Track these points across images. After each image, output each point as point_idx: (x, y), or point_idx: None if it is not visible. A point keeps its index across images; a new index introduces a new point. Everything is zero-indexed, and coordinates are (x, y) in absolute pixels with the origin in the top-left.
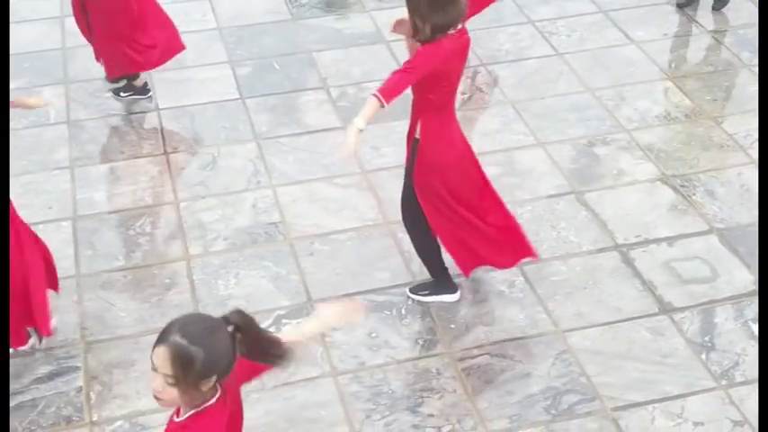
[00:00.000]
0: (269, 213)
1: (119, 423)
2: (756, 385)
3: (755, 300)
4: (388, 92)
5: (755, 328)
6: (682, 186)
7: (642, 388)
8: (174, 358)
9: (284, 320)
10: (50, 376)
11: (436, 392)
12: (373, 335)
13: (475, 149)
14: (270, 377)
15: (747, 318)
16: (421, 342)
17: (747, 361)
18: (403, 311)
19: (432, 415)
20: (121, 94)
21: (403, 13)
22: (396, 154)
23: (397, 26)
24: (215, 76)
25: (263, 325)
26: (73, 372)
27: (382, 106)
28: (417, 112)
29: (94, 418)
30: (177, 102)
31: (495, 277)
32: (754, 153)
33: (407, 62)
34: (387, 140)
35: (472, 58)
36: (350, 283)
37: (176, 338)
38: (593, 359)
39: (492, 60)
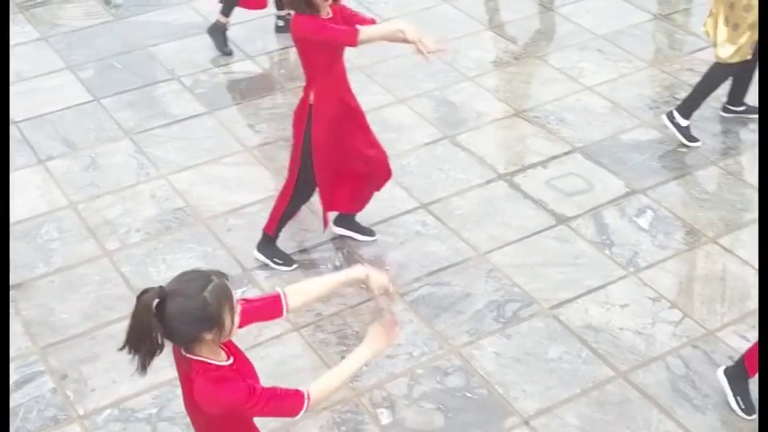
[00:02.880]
0: (171, 200)
1: (107, 412)
2: (660, 266)
3: (632, 199)
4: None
5: (640, 221)
6: (535, 118)
7: (568, 287)
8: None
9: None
10: (18, 385)
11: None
12: None
13: None
14: (237, 340)
15: (630, 215)
16: (364, 286)
17: (643, 249)
18: (337, 263)
19: (400, 344)
20: None
21: None
22: (269, 129)
23: None
24: (60, 83)
25: None
26: (39, 376)
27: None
28: (310, 79)
29: (81, 413)
30: (32, 112)
31: (407, 220)
32: (585, 80)
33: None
34: (258, 117)
35: None
36: (286, 245)
37: (212, 277)
38: (518, 271)
39: None
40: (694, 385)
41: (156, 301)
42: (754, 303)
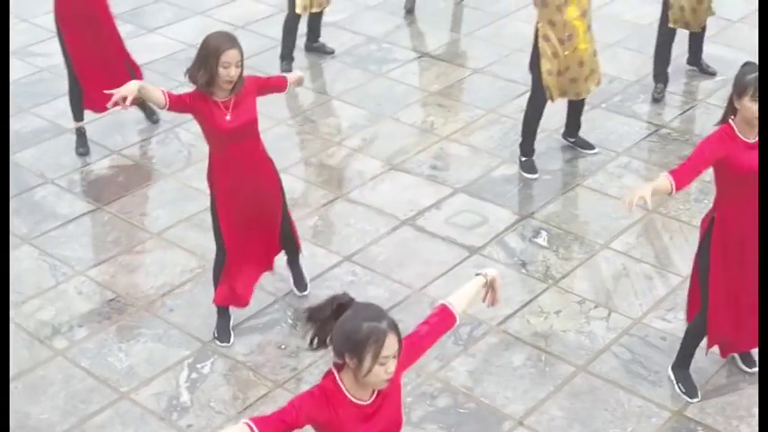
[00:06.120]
0: (101, 294)
1: None
2: (572, 275)
3: (524, 223)
4: None
5: (539, 241)
6: (411, 168)
7: (504, 305)
8: (398, 333)
9: (197, 365)
10: None
11: None
12: (283, 346)
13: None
14: (226, 407)
15: (528, 237)
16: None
17: (552, 263)
18: (289, 321)
19: None
20: None
21: None
22: (166, 213)
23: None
24: None
25: (182, 376)
26: None
27: None
28: None
29: None
30: None
31: (337, 273)
32: (438, 131)
33: None
34: (150, 205)
35: None
36: (234, 314)
37: (384, 322)
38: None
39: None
40: (643, 365)
41: (341, 303)
42: (659, 291)
